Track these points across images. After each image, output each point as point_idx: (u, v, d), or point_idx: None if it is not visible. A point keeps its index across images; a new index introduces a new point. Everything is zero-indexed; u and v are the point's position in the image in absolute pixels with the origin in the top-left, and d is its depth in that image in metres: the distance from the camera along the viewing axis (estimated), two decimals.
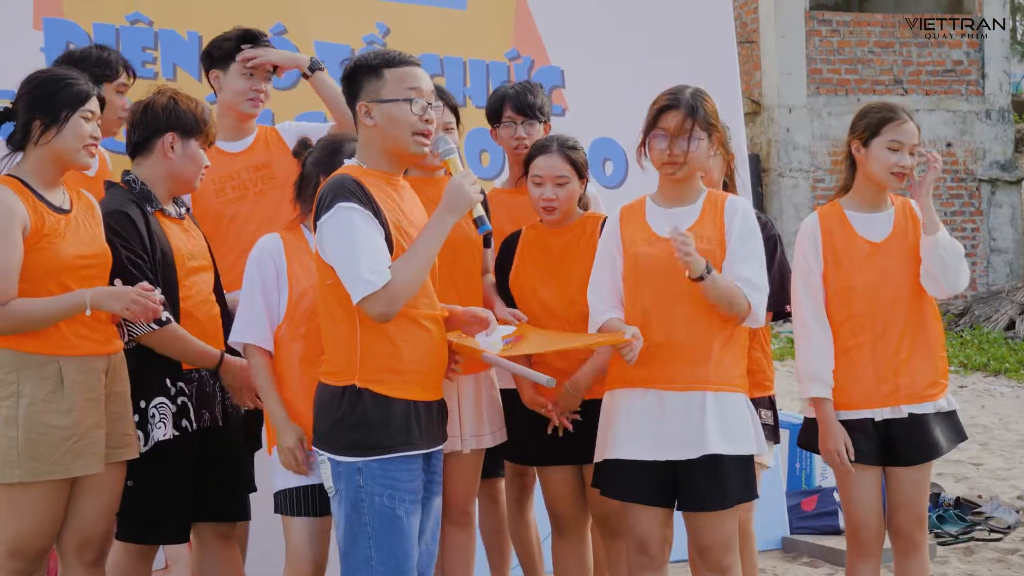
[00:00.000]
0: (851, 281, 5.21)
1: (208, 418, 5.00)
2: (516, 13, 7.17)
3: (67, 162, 4.68)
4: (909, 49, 20.93)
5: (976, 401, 13.85)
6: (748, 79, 20.62)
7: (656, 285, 4.87)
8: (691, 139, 4.82)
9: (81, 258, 4.63)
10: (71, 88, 4.66)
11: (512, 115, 5.79)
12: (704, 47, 7.46)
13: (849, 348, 5.21)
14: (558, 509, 5.51)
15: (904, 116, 5.24)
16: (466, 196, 4.41)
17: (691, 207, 4.94)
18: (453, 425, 5.20)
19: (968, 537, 7.91)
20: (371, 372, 4.34)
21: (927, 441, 5.16)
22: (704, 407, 4.78)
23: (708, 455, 4.75)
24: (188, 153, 5.00)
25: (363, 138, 4.50)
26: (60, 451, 4.55)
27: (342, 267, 4.29)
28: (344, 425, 4.34)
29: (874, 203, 5.30)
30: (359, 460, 4.33)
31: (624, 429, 4.87)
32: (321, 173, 4.83)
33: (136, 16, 6.33)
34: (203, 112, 5.05)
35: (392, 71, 4.44)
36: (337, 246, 4.30)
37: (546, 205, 5.35)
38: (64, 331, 4.58)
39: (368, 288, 4.23)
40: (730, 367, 4.85)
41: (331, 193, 4.33)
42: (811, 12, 20.67)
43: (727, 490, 4.79)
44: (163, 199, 5.01)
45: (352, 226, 4.27)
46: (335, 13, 6.72)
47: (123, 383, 4.78)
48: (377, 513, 4.32)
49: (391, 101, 4.41)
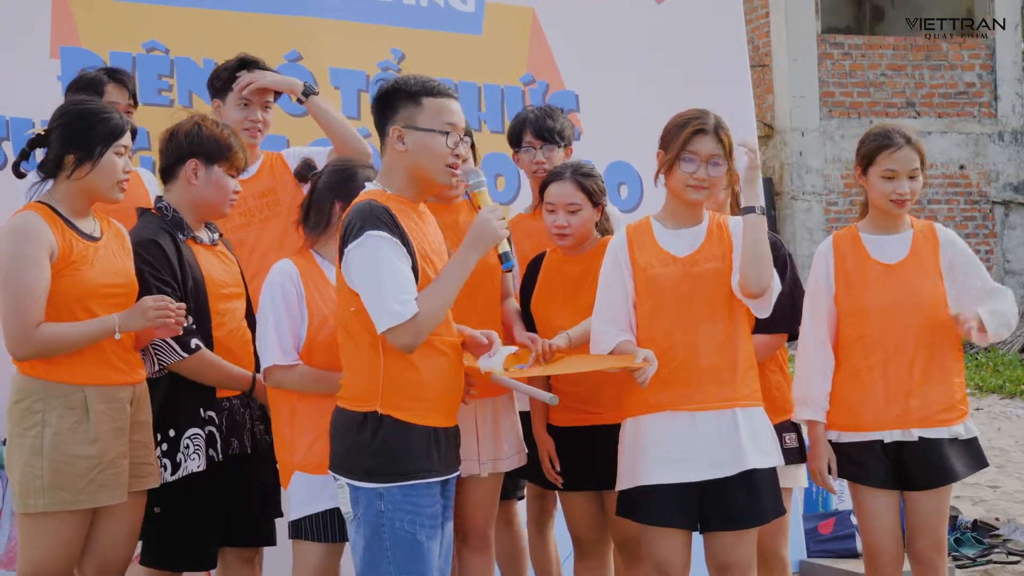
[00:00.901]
0: (862, 303, 5.22)
1: (237, 446, 5.02)
2: (531, 38, 7.19)
3: (98, 197, 4.74)
4: (921, 71, 20.92)
5: (992, 424, 13.80)
6: (760, 103, 20.62)
7: (677, 306, 4.88)
8: (718, 165, 4.86)
9: (108, 286, 4.67)
10: (107, 124, 4.69)
11: (531, 140, 5.84)
12: (718, 71, 7.48)
13: (859, 369, 5.22)
14: (579, 533, 5.52)
15: (898, 142, 5.22)
16: (492, 231, 4.44)
17: (698, 228, 4.97)
18: (471, 448, 5.22)
19: (986, 560, 7.89)
20: (393, 399, 4.34)
21: (940, 466, 5.15)
22: (736, 424, 4.81)
23: (746, 471, 4.78)
24: (212, 179, 5.02)
25: (390, 161, 4.48)
26: (85, 481, 4.57)
27: (369, 296, 4.29)
28: (365, 451, 4.34)
29: (887, 226, 5.30)
30: (380, 486, 4.32)
31: (655, 454, 4.86)
32: (336, 199, 4.85)
33: (152, 44, 6.37)
34: (228, 137, 5.05)
35: (431, 100, 4.46)
36: (365, 274, 4.29)
37: (558, 232, 5.37)
38: (90, 360, 4.61)
39: (395, 320, 4.23)
40: (752, 381, 4.92)
41: (359, 220, 4.31)
42: (823, 35, 20.68)
43: (763, 505, 4.83)
44: (194, 225, 5.03)
45: (380, 255, 4.26)
46: (350, 39, 6.75)
47: (146, 412, 4.80)
48: (398, 539, 4.32)
49: (427, 131, 4.42)
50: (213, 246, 5.10)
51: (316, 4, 6.68)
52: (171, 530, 4.92)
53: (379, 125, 4.53)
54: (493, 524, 5.47)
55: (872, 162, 5.26)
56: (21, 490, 4.57)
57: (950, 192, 20.86)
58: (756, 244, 4.77)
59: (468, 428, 5.19)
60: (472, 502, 5.31)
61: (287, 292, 4.77)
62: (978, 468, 5.26)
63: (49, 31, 6.18)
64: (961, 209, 20.92)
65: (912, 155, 5.23)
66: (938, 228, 5.33)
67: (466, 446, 5.14)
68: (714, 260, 4.88)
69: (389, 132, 4.46)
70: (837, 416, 5.29)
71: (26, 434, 4.56)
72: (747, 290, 4.80)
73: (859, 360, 5.23)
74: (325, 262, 4.87)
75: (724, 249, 4.90)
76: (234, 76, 5.73)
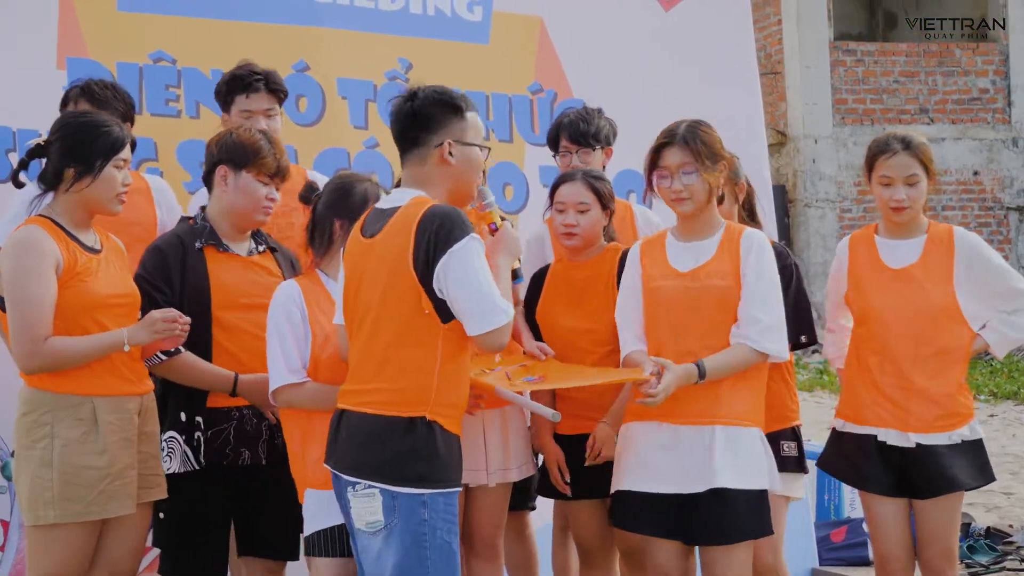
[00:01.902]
0: (868, 305, 5.25)
1: (249, 457, 5.00)
2: (538, 46, 7.18)
3: (98, 210, 4.74)
4: (935, 78, 20.87)
5: (1007, 430, 13.73)
6: (773, 110, 20.60)
7: (670, 319, 4.87)
8: (691, 173, 4.82)
9: (113, 296, 4.69)
10: (107, 137, 4.69)
11: (567, 144, 5.90)
12: (727, 78, 7.47)
13: (862, 367, 5.25)
14: (585, 542, 5.50)
15: (894, 148, 5.21)
16: (516, 244, 4.60)
17: (709, 240, 4.93)
18: (479, 459, 5.24)
19: (999, 567, 7.83)
20: (441, 406, 4.31)
21: (943, 474, 5.13)
22: (713, 441, 4.76)
23: (715, 489, 4.72)
24: (240, 185, 5.02)
25: (431, 174, 4.43)
26: (94, 492, 4.57)
27: (474, 297, 4.23)
28: (411, 456, 4.26)
29: (900, 230, 5.30)
30: (425, 492, 4.26)
31: (636, 461, 4.88)
32: (335, 216, 4.85)
33: (159, 55, 6.37)
34: (257, 142, 5.03)
35: (471, 116, 4.50)
36: (469, 277, 4.22)
37: (566, 231, 5.36)
38: (98, 371, 4.62)
39: (504, 319, 4.23)
40: (741, 403, 4.82)
41: (457, 224, 4.26)
42: (835, 42, 20.65)
43: (736, 525, 4.75)
44: (227, 234, 5.05)
45: (481, 259, 4.27)
46: (357, 49, 6.74)
47: (153, 423, 4.81)
48: (439, 547, 4.27)
49: (475, 146, 4.46)
50: (248, 256, 5.08)
51: (323, 14, 6.67)
52: (173, 536, 4.94)
53: (416, 136, 4.44)
54: (502, 533, 5.47)
55: (872, 168, 5.27)
56: (30, 502, 4.57)
57: (964, 199, 20.80)
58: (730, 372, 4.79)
59: (476, 438, 5.22)
60: (480, 512, 5.32)
61: (291, 313, 4.75)
62: (985, 482, 5.24)
63: (56, 42, 6.17)
64: (975, 215, 20.85)
65: (909, 161, 5.21)
66: (957, 233, 5.31)
67: (474, 456, 5.18)
68: (718, 277, 4.84)
69: (438, 145, 4.41)
70: (844, 405, 5.36)
71: (35, 446, 4.56)
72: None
73: (862, 358, 5.26)
74: (330, 281, 4.86)
75: (732, 266, 4.85)
76: (229, 97, 5.72)
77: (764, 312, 4.78)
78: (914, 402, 5.15)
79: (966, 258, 5.24)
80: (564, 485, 5.37)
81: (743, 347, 4.77)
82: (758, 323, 4.76)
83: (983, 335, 5.28)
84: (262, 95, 5.74)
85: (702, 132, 4.87)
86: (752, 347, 4.77)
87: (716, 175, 4.85)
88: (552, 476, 5.40)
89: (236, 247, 5.09)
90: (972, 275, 5.23)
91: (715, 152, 4.85)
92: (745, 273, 4.82)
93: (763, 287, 4.81)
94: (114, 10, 6.31)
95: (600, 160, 5.86)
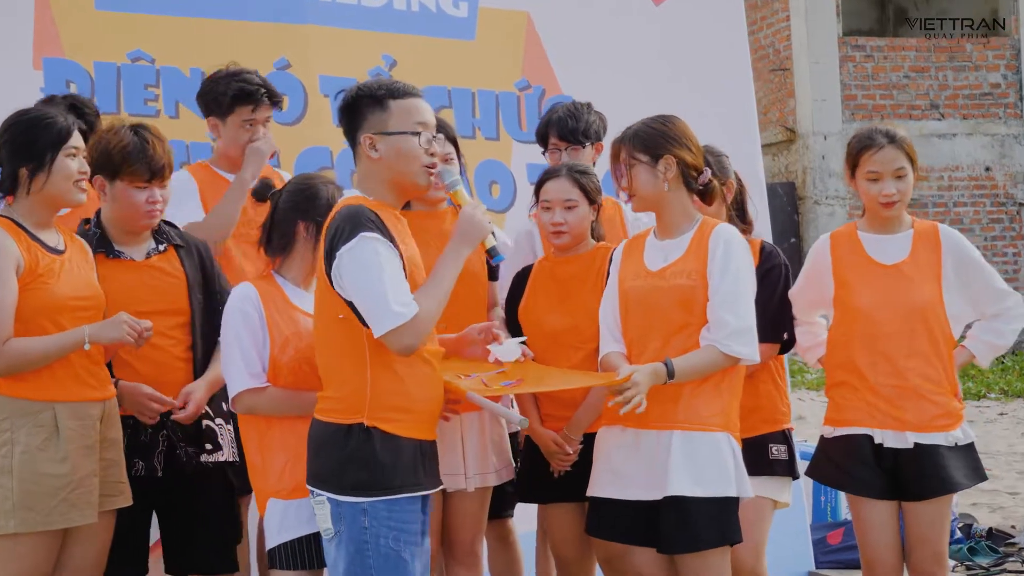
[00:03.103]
0: (857, 303, 5.10)
1: (142, 468, 4.84)
2: (526, 42, 7.06)
3: (60, 203, 4.64)
4: (945, 73, 20.70)
5: (1016, 428, 13.62)
6: (782, 107, 20.48)
7: (638, 319, 4.78)
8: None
9: (76, 299, 4.58)
10: (51, 128, 4.58)
11: (556, 141, 5.79)
12: (719, 74, 7.36)
13: (850, 369, 5.10)
14: (562, 552, 5.37)
15: (880, 142, 5.09)
16: (479, 226, 4.35)
17: (682, 238, 4.82)
18: (457, 463, 5.14)
19: (1000, 569, 7.71)
20: (380, 410, 4.21)
21: (937, 475, 5.00)
22: (671, 447, 4.64)
23: (672, 497, 4.60)
24: (116, 194, 4.88)
25: (366, 170, 4.36)
26: (55, 500, 4.46)
27: (367, 298, 4.16)
28: (350, 464, 4.20)
29: (886, 225, 5.17)
30: (364, 500, 4.19)
31: (604, 467, 4.79)
32: (300, 219, 4.71)
33: (138, 54, 6.27)
34: (127, 148, 4.85)
35: (397, 103, 4.34)
36: (361, 277, 4.15)
37: (555, 229, 5.24)
38: (60, 376, 4.51)
39: (397, 320, 4.11)
40: (704, 406, 4.69)
41: (350, 223, 4.19)
42: (844, 38, 20.50)
43: (695, 533, 4.62)
44: (121, 239, 4.92)
45: (377, 256, 4.14)
46: (340, 46, 6.63)
47: (116, 429, 4.70)
48: (383, 555, 4.19)
49: (398, 134, 4.31)
50: (147, 259, 4.94)
51: (305, 11, 6.55)
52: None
53: (348, 135, 4.40)
54: (482, 538, 5.38)
55: (857, 163, 5.14)
56: None
57: (976, 194, 20.63)
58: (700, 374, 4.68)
59: (454, 442, 5.13)
60: (459, 517, 5.23)
61: (248, 315, 4.61)
62: (977, 480, 5.12)
63: (32, 41, 6.08)
64: (987, 211, 20.69)
65: (896, 154, 5.09)
66: (941, 229, 5.18)
67: (452, 460, 5.08)
68: (683, 276, 4.72)
69: (360, 141, 4.34)
70: (832, 411, 5.21)
71: None
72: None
73: (851, 359, 5.11)
74: (288, 284, 4.73)
75: (699, 264, 4.73)
76: (233, 106, 5.57)
77: (732, 314, 4.65)
78: (910, 401, 5.03)
79: (953, 255, 5.12)
80: (567, 458, 5.17)
81: (712, 349, 4.65)
82: (726, 326, 4.64)
83: (967, 346, 5.20)
84: (266, 106, 5.65)
85: (649, 125, 4.84)
86: (721, 350, 4.64)
87: (658, 168, 4.76)
88: (554, 460, 5.19)
89: (132, 251, 4.94)
90: (959, 272, 5.11)
91: (661, 143, 4.77)
92: (711, 272, 4.69)
93: (729, 287, 4.68)
94: (92, 9, 6.21)
95: (590, 157, 5.75)
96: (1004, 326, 5.16)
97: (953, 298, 5.09)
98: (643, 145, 4.76)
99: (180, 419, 4.85)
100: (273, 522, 4.58)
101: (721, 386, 4.71)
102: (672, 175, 4.77)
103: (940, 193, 20.40)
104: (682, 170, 4.78)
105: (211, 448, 4.97)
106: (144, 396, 4.80)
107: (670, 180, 4.78)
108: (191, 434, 4.92)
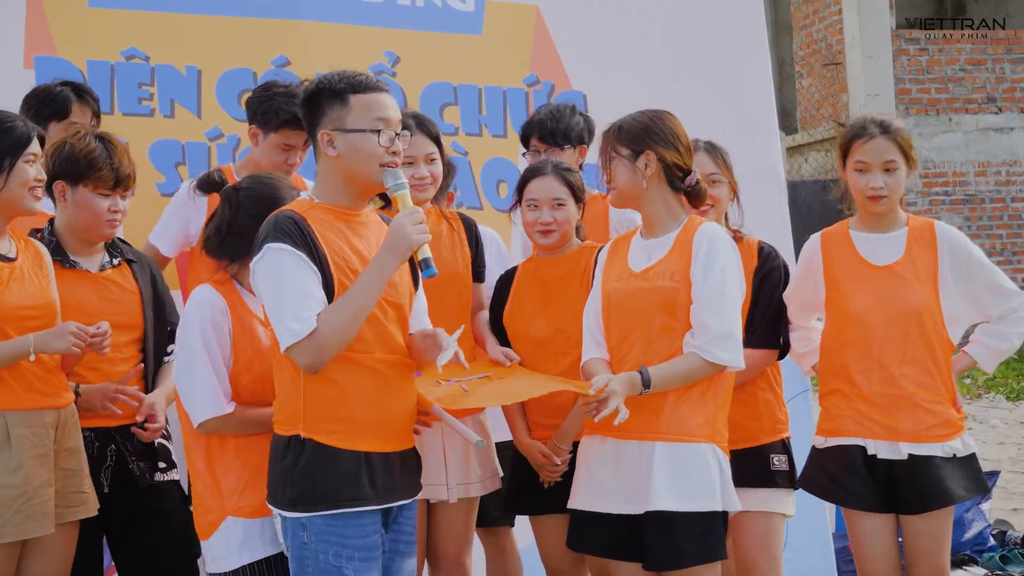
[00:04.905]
0: (849, 306, 4.86)
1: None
2: (535, 37, 6.87)
3: (14, 210, 4.53)
4: (1003, 66, 20.29)
5: None
6: (835, 101, 20.17)
7: (620, 322, 4.59)
8: (608, 159, 4.59)
9: (24, 308, 4.46)
10: (11, 135, 4.48)
11: (536, 143, 5.62)
12: (736, 69, 7.10)
13: (842, 375, 4.87)
14: (553, 564, 5.18)
15: (871, 132, 4.87)
16: (406, 237, 4.04)
17: (666, 237, 4.61)
18: (439, 473, 5.00)
19: None
20: (316, 421, 4.03)
21: (934, 487, 4.76)
22: (653, 459, 4.43)
23: (654, 511, 4.39)
24: (78, 201, 4.76)
25: (323, 169, 4.18)
26: (9, 512, 4.34)
27: (270, 313, 4.02)
28: (288, 478, 4.03)
29: (878, 223, 4.94)
30: (303, 515, 4.02)
31: (585, 478, 4.59)
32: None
33: (132, 52, 6.13)
34: (92, 153, 4.73)
35: (358, 98, 4.14)
36: (264, 291, 4.02)
37: (543, 228, 5.07)
38: (9, 384, 4.40)
39: (292, 337, 3.93)
40: (689, 416, 4.47)
41: (263, 233, 4.04)
42: (898, 31, 20.14)
43: (679, 549, 4.40)
44: (75, 249, 4.81)
45: (280, 269, 3.96)
46: (341, 42, 6.45)
47: (75, 438, 4.57)
48: (323, 571, 4.00)
49: (358, 131, 4.10)
50: (101, 271, 4.82)
51: (304, 6, 6.40)
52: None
53: (309, 131, 4.22)
54: (469, 550, 5.21)
55: (848, 153, 4.92)
56: None
57: None
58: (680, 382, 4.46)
59: (436, 452, 4.98)
60: (443, 528, 5.08)
61: (218, 326, 4.34)
62: (977, 493, 4.89)
63: (23, 40, 5.96)
64: None
65: (887, 146, 4.86)
66: (937, 227, 4.94)
67: (434, 471, 4.92)
68: (666, 277, 4.52)
69: (319, 137, 4.15)
70: (824, 421, 4.99)
71: None
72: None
73: (843, 366, 4.89)
74: (243, 289, 4.46)
75: (682, 265, 4.52)
76: (282, 126, 5.42)
77: (715, 318, 4.43)
78: (904, 410, 4.80)
79: (951, 254, 4.88)
80: (554, 473, 4.99)
81: (693, 356, 4.44)
82: (708, 330, 4.43)
83: (969, 351, 4.96)
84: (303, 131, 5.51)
85: (634, 119, 4.68)
86: (703, 357, 4.43)
87: (637, 161, 4.57)
88: (543, 472, 5.02)
89: (86, 262, 4.83)
90: (958, 272, 4.87)
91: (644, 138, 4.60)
92: (694, 274, 4.49)
93: (713, 288, 4.47)
94: (84, 6, 6.09)
95: (573, 159, 5.56)
96: (1009, 329, 4.91)
97: (952, 300, 4.85)
98: (625, 139, 4.59)
99: (145, 437, 4.74)
100: (235, 541, 4.29)
101: (707, 395, 4.50)
102: (652, 172, 4.58)
103: (998, 188, 20.01)
104: (664, 168, 4.58)
105: (164, 467, 4.87)
106: (113, 391, 4.72)
107: (649, 177, 4.58)
108: (142, 450, 4.81)
